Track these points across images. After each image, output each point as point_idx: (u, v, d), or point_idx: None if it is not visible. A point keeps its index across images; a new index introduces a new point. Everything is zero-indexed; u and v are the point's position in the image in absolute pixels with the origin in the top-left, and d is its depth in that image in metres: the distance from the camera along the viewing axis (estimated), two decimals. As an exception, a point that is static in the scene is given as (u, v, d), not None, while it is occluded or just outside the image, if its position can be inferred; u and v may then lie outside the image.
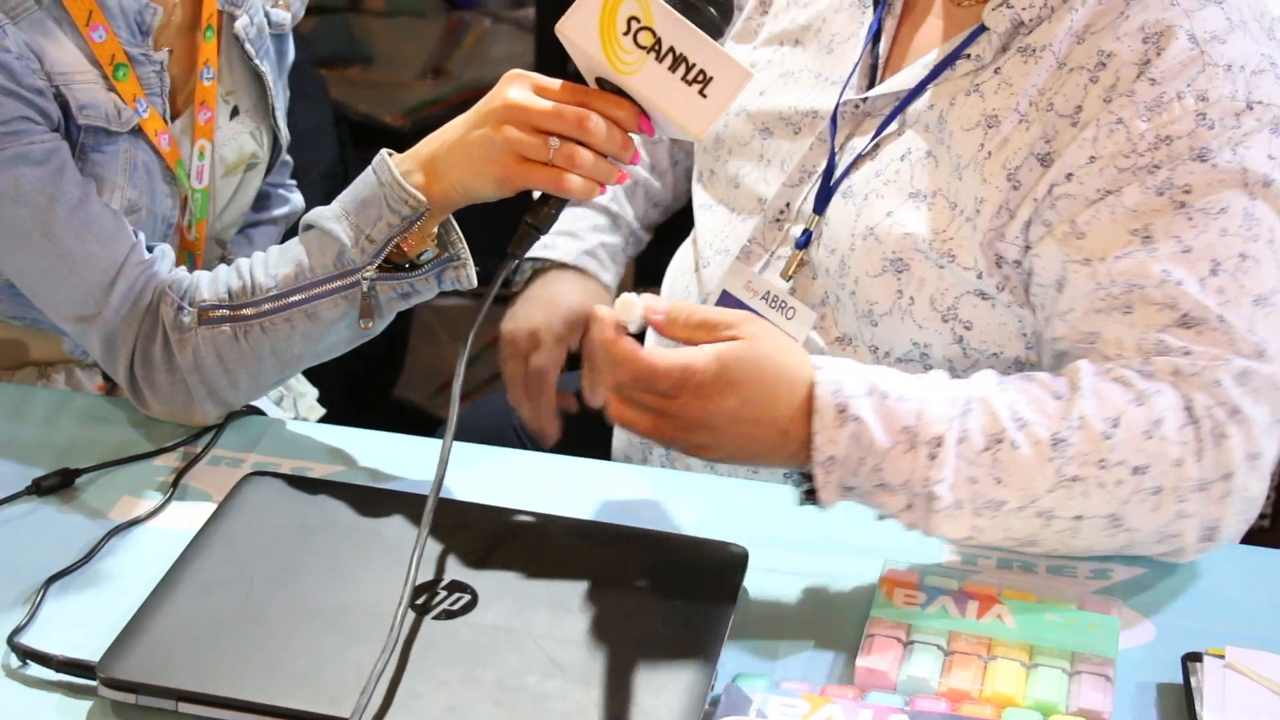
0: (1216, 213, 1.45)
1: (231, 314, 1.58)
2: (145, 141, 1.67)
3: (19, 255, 1.59)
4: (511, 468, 1.63)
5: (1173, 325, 1.44)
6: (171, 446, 1.61)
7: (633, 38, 1.42)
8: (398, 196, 1.52)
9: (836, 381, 1.41)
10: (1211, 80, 1.46)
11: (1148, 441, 1.41)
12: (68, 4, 1.59)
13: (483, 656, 1.30)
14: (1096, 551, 1.47)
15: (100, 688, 1.28)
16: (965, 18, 1.61)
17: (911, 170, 1.59)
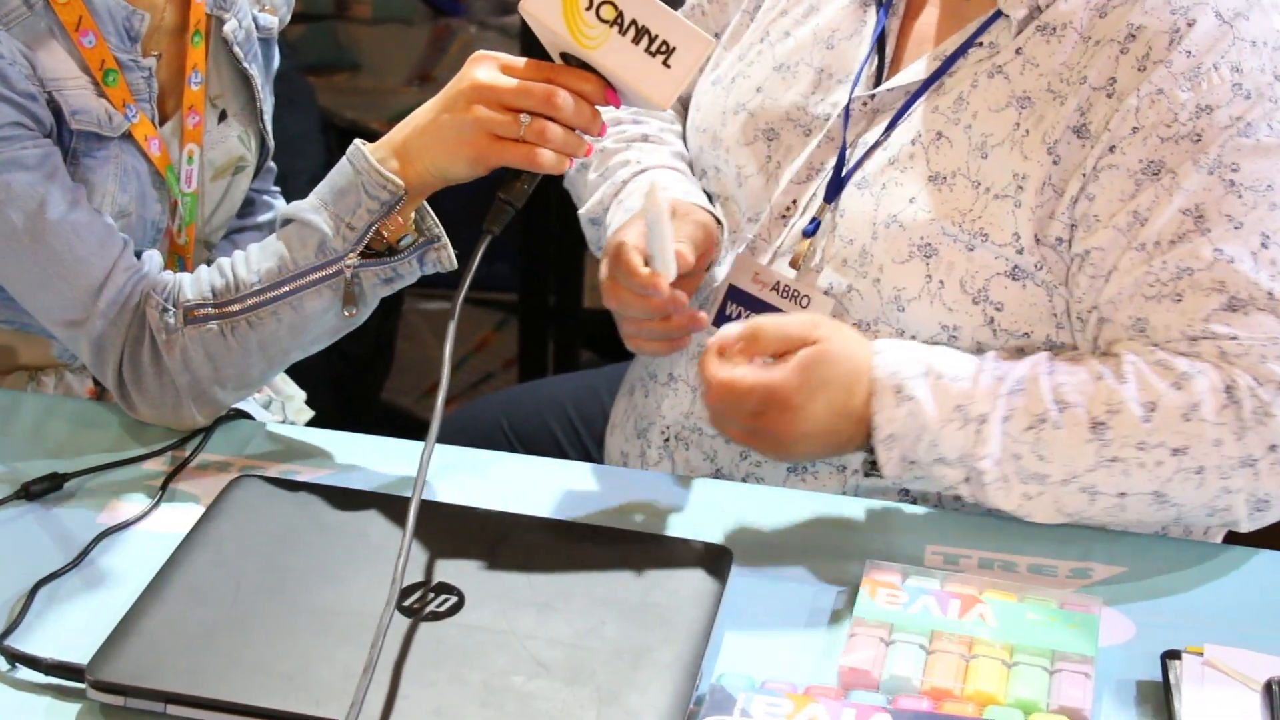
0: (1264, 189, 1.49)
1: (217, 311, 1.58)
2: (135, 147, 1.67)
3: (9, 259, 1.59)
4: (499, 470, 1.63)
5: (1220, 309, 1.48)
6: (160, 450, 1.61)
7: (595, 12, 1.43)
8: (375, 183, 1.53)
9: (895, 364, 1.51)
10: (1242, 54, 1.51)
11: (1186, 424, 1.46)
12: (58, 10, 1.59)
13: (469, 657, 1.30)
14: (1148, 523, 1.51)
15: (89, 690, 1.28)
16: (973, 8, 1.62)
17: (925, 154, 1.59)
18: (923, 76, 1.62)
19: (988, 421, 1.48)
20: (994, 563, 1.50)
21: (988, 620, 1.38)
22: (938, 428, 1.49)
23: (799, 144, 1.69)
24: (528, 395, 2.14)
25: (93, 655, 1.29)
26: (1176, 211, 1.49)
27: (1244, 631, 1.42)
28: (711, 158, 1.77)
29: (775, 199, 1.69)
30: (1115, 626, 1.43)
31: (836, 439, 1.53)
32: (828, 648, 1.38)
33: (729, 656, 1.37)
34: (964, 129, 1.58)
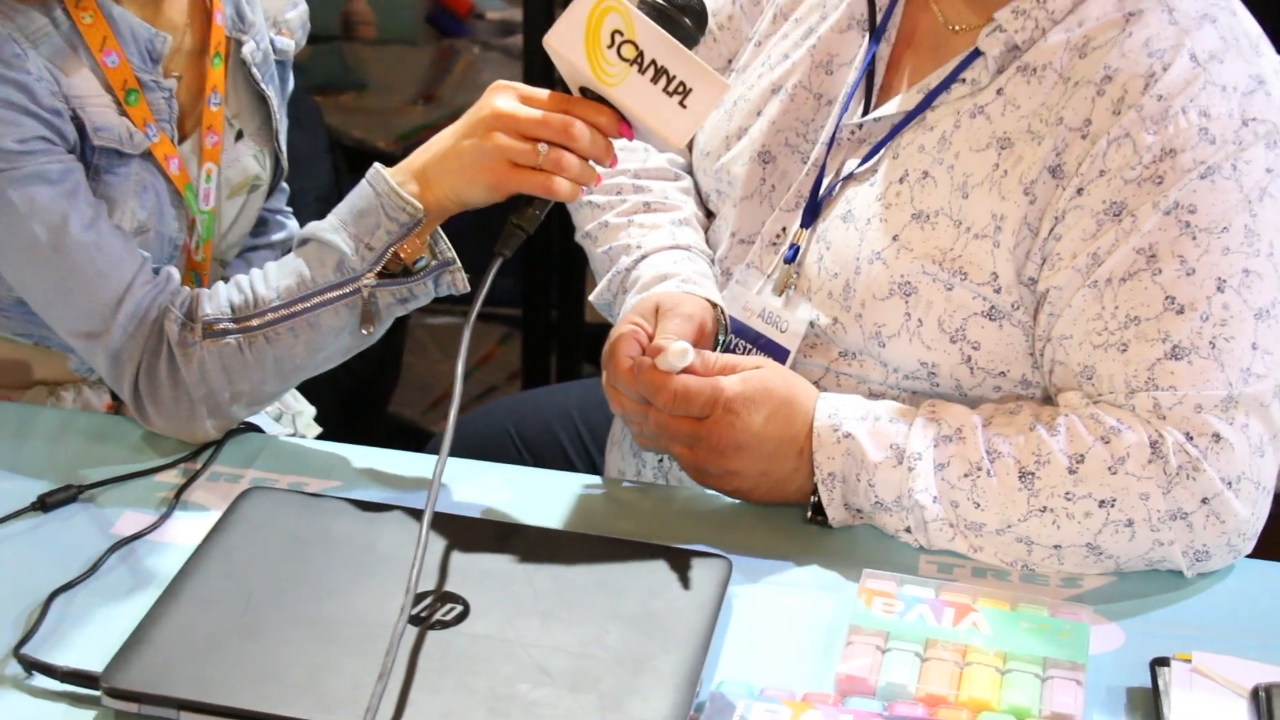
0: (1219, 231, 1.47)
1: (236, 326, 1.59)
2: (155, 165, 1.68)
3: (31, 271, 1.60)
4: (503, 481, 1.62)
5: (1163, 359, 1.48)
6: (173, 462, 1.61)
7: (616, 51, 1.45)
8: (395, 205, 1.55)
9: (834, 406, 1.52)
10: (1211, 98, 1.49)
11: (1112, 477, 1.46)
12: (84, 30, 1.60)
13: (475, 665, 1.30)
14: (1093, 573, 1.50)
15: (104, 698, 1.28)
16: (958, 43, 1.62)
17: (911, 192, 1.59)
18: (907, 109, 1.62)
19: (922, 459, 1.49)
20: (987, 572, 1.50)
21: (981, 628, 1.38)
22: (874, 466, 1.50)
23: (794, 169, 1.70)
24: (535, 403, 2.14)
25: (107, 663, 1.29)
26: (1131, 250, 1.48)
27: (1231, 639, 1.42)
28: (713, 180, 1.77)
29: (767, 225, 1.70)
30: (1105, 634, 1.43)
31: (776, 467, 1.53)
32: (825, 655, 1.38)
33: (729, 664, 1.37)
34: (947, 169, 1.57)
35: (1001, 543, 1.49)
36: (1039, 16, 1.55)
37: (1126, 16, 1.54)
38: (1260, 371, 1.48)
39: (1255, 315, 1.48)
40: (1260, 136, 1.49)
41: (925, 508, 1.49)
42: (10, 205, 1.55)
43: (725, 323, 1.67)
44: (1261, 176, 1.48)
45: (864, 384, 1.62)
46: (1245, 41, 1.54)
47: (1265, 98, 1.51)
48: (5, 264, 1.61)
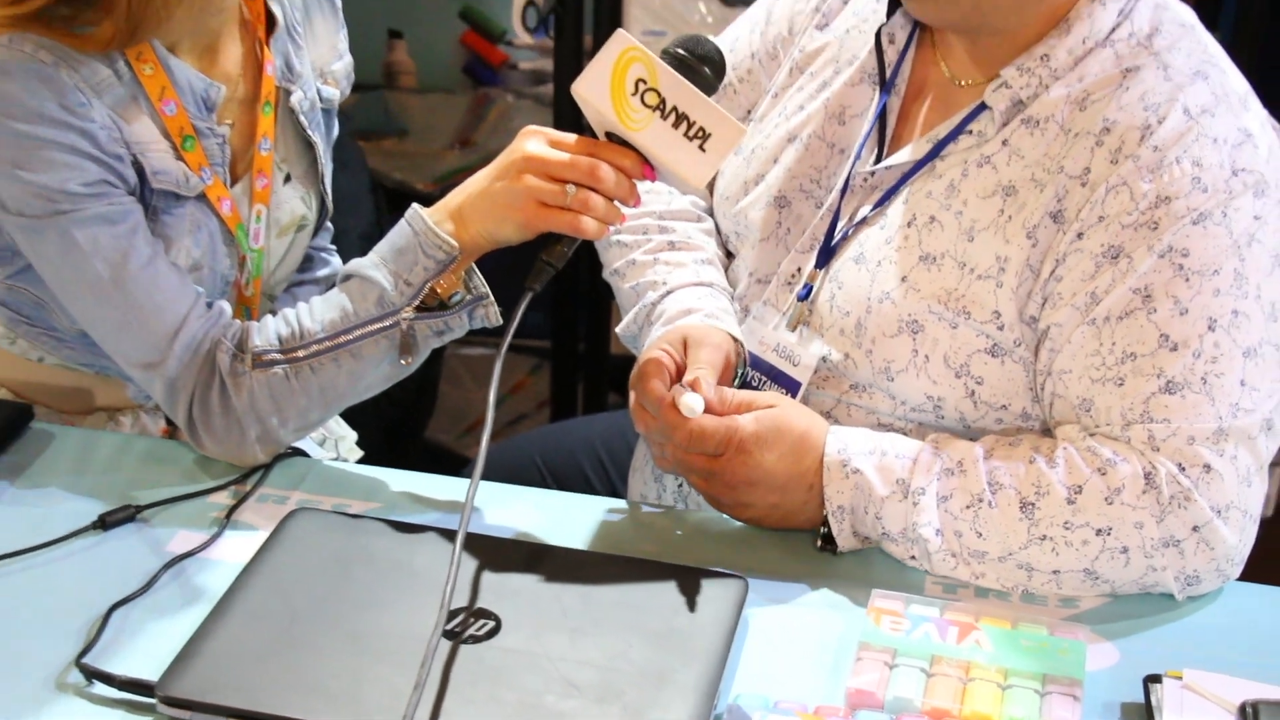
0: (1211, 274, 1.47)
1: (283, 357, 1.60)
2: (209, 206, 1.69)
3: (93, 305, 1.60)
4: (532, 505, 1.62)
5: (1157, 393, 1.47)
6: (224, 484, 1.62)
7: (640, 98, 1.45)
8: (432, 243, 1.55)
9: (844, 442, 1.52)
10: (1204, 149, 1.49)
11: (1108, 507, 1.46)
12: (144, 81, 1.60)
13: (506, 678, 1.30)
14: (1086, 597, 1.50)
15: (159, 705, 1.29)
16: (964, 97, 1.62)
17: (919, 235, 1.59)
18: (917, 158, 1.62)
19: (926, 494, 1.49)
20: (989, 592, 1.49)
21: (983, 646, 1.38)
22: (881, 500, 1.50)
23: (809, 213, 1.70)
24: (560, 434, 2.14)
25: (162, 673, 1.30)
26: (1127, 290, 1.48)
27: (1220, 657, 1.41)
28: (731, 222, 1.78)
29: (783, 265, 1.70)
30: (1101, 652, 1.42)
31: (788, 500, 1.53)
32: (836, 670, 1.38)
33: (745, 678, 1.37)
34: (955, 215, 1.57)
35: (1003, 569, 1.49)
36: (1042, 73, 1.55)
37: (1124, 73, 1.54)
38: (1248, 406, 1.48)
39: (1244, 353, 1.47)
40: (1249, 186, 1.49)
41: (929, 540, 1.49)
42: (75, 244, 1.56)
43: (744, 356, 1.67)
44: (1250, 223, 1.48)
45: (873, 415, 1.62)
46: (1234, 97, 1.54)
47: (1253, 150, 1.51)
48: (70, 299, 1.62)
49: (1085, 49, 1.55)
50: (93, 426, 1.78)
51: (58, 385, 1.80)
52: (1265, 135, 1.54)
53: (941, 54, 1.65)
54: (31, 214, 1.56)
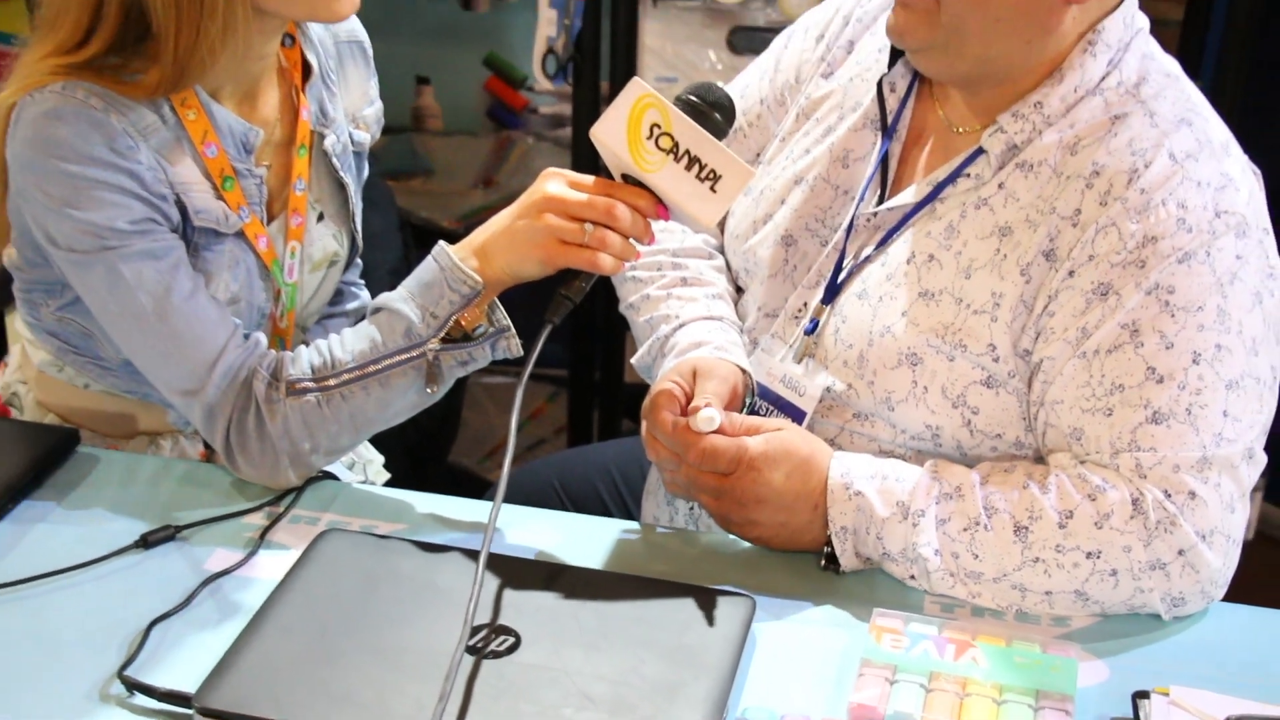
0: (1195, 310, 1.47)
1: (316, 385, 1.60)
2: (246, 243, 1.69)
3: (138, 335, 1.61)
4: (551, 527, 1.62)
5: (1144, 423, 1.47)
6: (259, 506, 1.62)
7: (654, 142, 1.46)
8: (457, 278, 1.56)
9: (847, 466, 1.52)
10: (1188, 192, 1.49)
11: (1098, 531, 1.46)
12: (188, 125, 1.61)
13: (525, 692, 1.30)
14: (1077, 616, 1.50)
15: (196, 716, 1.29)
16: (962, 142, 1.62)
17: (918, 272, 1.59)
18: (917, 200, 1.62)
19: (925, 515, 1.49)
20: (985, 611, 1.49)
21: (980, 663, 1.38)
22: (882, 521, 1.49)
23: (814, 251, 1.70)
24: (577, 459, 2.14)
25: (200, 684, 1.30)
26: (1116, 325, 1.48)
27: (1205, 674, 1.41)
28: (741, 259, 1.78)
29: (790, 300, 1.70)
30: (1091, 670, 1.42)
31: (794, 519, 1.52)
32: (839, 686, 1.38)
33: (753, 692, 1.37)
34: (954, 254, 1.57)
35: (998, 589, 1.49)
36: (1035, 120, 1.56)
37: (1112, 119, 1.54)
38: (1231, 436, 1.47)
39: (1226, 386, 1.47)
40: (1231, 227, 1.49)
41: (928, 559, 1.48)
42: (121, 278, 1.57)
43: (752, 386, 1.67)
44: (1232, 262, 1.48)
45: (874, 443, 1.62)
46: (1216, 143, 1.54)
47: (1234, 192, 1.51)
48: (115, 329, 1.62)
49: (1077, 97, 1.55)
50: (135, 450, 1.79)
51: (102, 411, 1.80)
52: (1245, 179, 1.54)
53: (940, 102, 1.66)
54: (81, 250, 1.57)
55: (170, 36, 1.54)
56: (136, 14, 1.55)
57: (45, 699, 1.33)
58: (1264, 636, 1.49)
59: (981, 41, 1.53)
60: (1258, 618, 1.51)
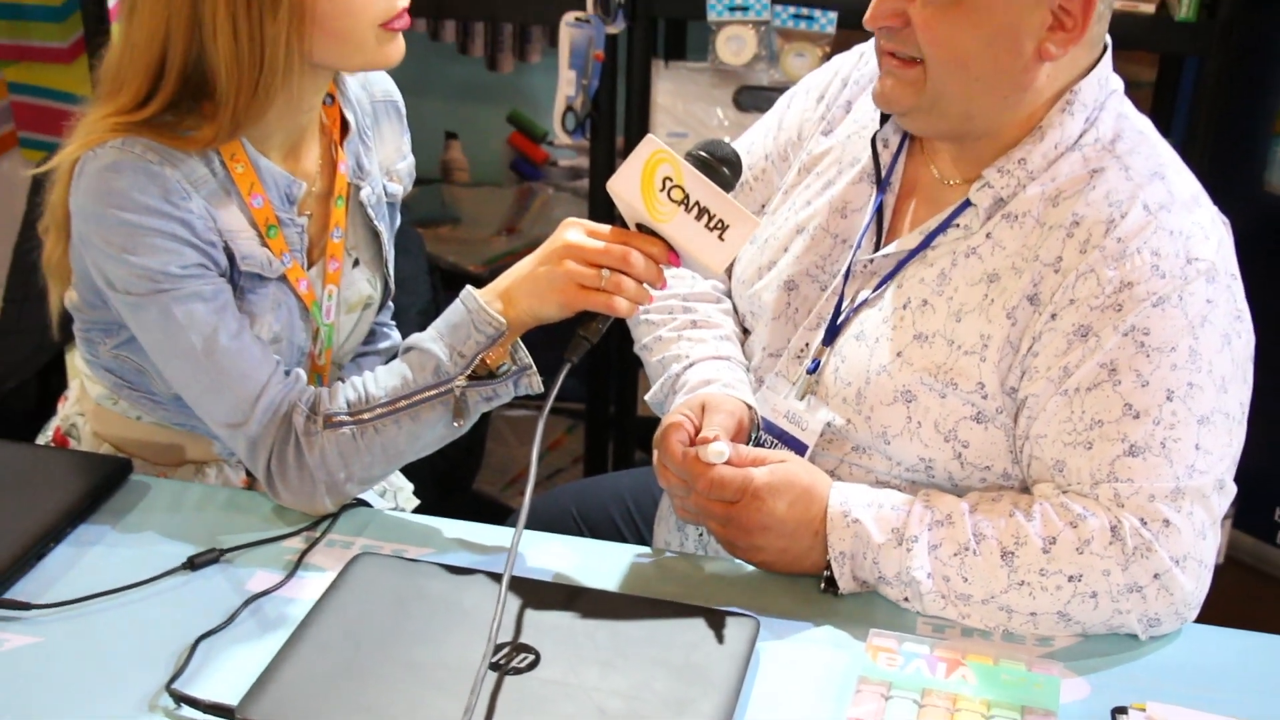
0: (1169, 350, 1.47)
1: (351, 419, 1.60)
2: (288, 286, 1.70)
3: (187, 372, 1.61)
4: (569, 551, 1.62)
5: (1122, 455, 1.47)
6: (297, 531, 1.62)
7: (667, 194, 1.47)
8: (483, 320, 1.56)
9: (845, 495, 1.52)
10: (1161, 241, 1.49)
11: (1079, 556, 1.45)
12: (236, 178, 1.62)
13: (544, 706, 1.30)
14: (1060, 636, 1.49)
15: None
16: (951, 195, 1.63)
17: (912, 316, 1.59)
18: (910, 248, 1.62)
19: (918, 541, 1.48)
20: (973, 632, 1.49)
21: (969, 680, 1.37)
22: (878, 546, 1.49)
23: (815, 295, 1.70)
24: (593, 487, 2.14)
25: (242, 697, 1.31)
26: (1095, 365, 1.48)
27: (1180, 691, 1.41)
28: (747, 302, 1.78)
29: (792, 341, 1.70)
30: (1073, 687, 1.42)
31: (796, 545, 1.52)
32: (838, 702, 1.38)
33: (756, 708, 1.37)
34: (945, 299, 1.58)
35: (986, 610, 1.48)
36: (1019, 174, 1.56)
37: (1091, 173, 1.55)
38: (1203, 468, 1.47)
39: (1198, 421, 1.47)
40: (1201, 273, 1.49)
41: (921, 582, 1.48)
42: (173, 318, 1.58)
43: (758, 421, 1.67)
44: (1203, 306, 1.49)
45: (871, 474, 1.62)
46: (1187, 195, 1.55)
47: (1204, 241, 1.51)
48: (166, 366, 1.63)
49: (1057, 153, 1.56)
50: (182, 478, 1.79)
51: (153, 441, 1.81)
52: (1215, 229, 1.54)
53: (930, 157, 1.66)
54: (136, 292, 1.58)
55: (231, 93, 1.55)
56: (196, 78, 1.56)
57: (99, 709, 1.34)
58: (1234, 655, 1.48)
59: (963, 100, 1.53)
60: (1228, 638, 1.51)
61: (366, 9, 1.56)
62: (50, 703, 1.34)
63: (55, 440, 1.86)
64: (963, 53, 1.50)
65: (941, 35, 1.49)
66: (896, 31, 1.52)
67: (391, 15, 1.58)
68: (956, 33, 1.49)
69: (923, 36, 1.50)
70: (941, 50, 1.50)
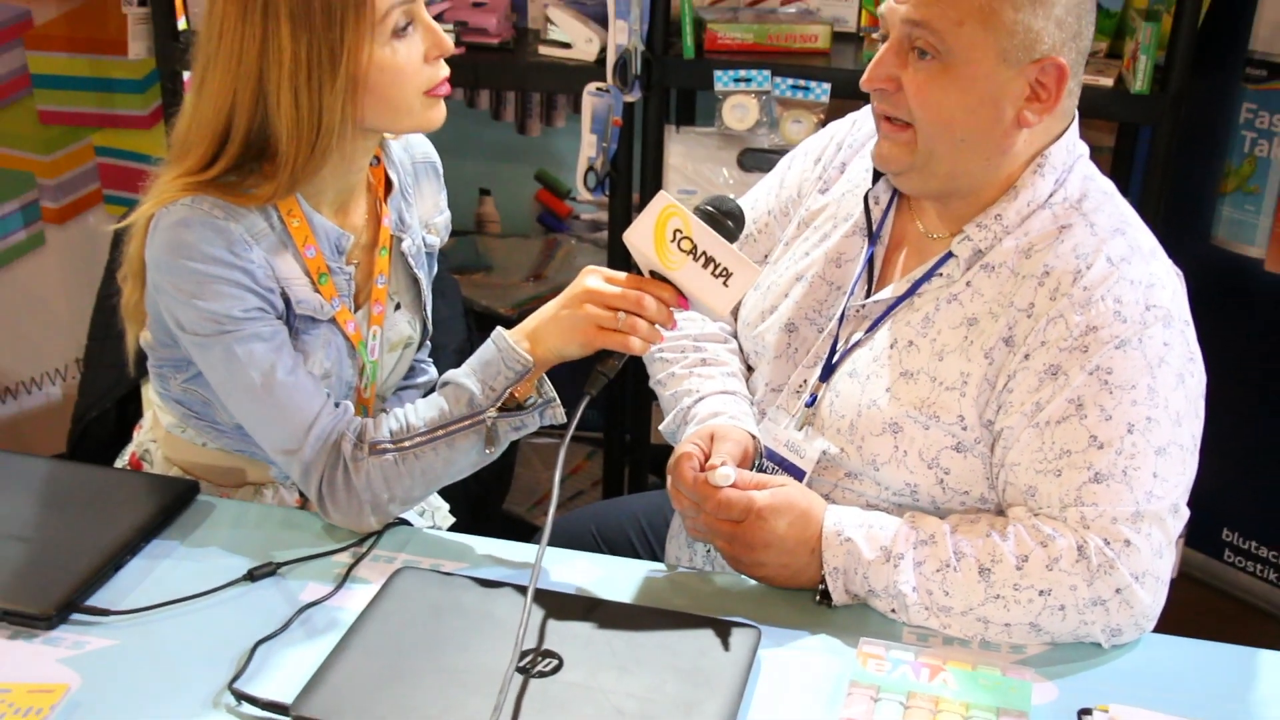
0: (1129, 388, 1.47)
1: (394, 446, 1.60)
2: (337, 327, 1.70)
3: (247, 404, 1.62)
4: (589, 566, 1.62)
5: (1088, 482, 1.47)
6: (345, 547, 1.62)
7: (677, 244, 1.47)
8: (512, 358, 1.56)
9: (839, 517, 1.51)
10: (1123, 289, 1.49)
11: (1049, 572, 1.45)
12: (292, 231, 1.63)
13: (566, 707, 1.30)
14: (1031, 645, 1.48)
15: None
16: (935, 247, 1.63)
17: (900, 356, 1.59)
18: (898, 295, 1.63)
19: (904, 559, 1.48)
20: (954, 640, 1.48)
21: (950, 684, 1.37)
22: (868, 563, 1.48)
23: (813, 337, 1.70)
24: (610, 509, 2.13)
25: (295, 696, 1.31)
26: (1064, 401, 1.48)
27: (1138, 694, 1.40)
28: (752, 342, 1.78)
29: (792, 378, 1.70)
30: (1043, 690, 1.41)
31: (794, 561, 1.51)
32: (831, 703, 1.37)
33: (758, 708, 1.37)
34: (929, 340, 1.58)
35: (965, 621, 1.48)
36: (996, 229, 1.56)
37: (1060, 229, 1.55)
38: (1160, 494, 1.47)
39: (1155, 451, 1.47)
40: (1159, 318, 1.49)
41: (906, 595, 1.48)
42: (235, 357, 1.58)
43: (760, 449, 1.67)
44: (1160, 348, 1.48)
45: (862, 498, 1.62)
46: (1146, 249, 1.55)
47: (1161, 290, 1.51)
48: (228, 399, 1.63)
49: (1030, 210, 1.56)
50: (242, 498, 1.79)
51: (216, 465, 1.81)
52: (1170, 279, 1.55)
53: (916, 213, 1.66)
54: (203, 333, 1.58)
55: (291, 155, 1.56)
56: (258, 142, 1.57)
57: (168, 706, 1.34)
58: (1188, 662, 1.47)
59: (950, 160, 1.54)
60: (1182, 646, 1.50)
61: (413, 78, 1.57)
62: (126, 699, 1.35)
63: (131, 464, 1.87)
64: (949, 116, 1.50)
65: (930, 99, 1.50)
66: (889, 95, 1.53)
67: (435, 84, 1.59)
68: (944, 98, 1.49)
69: (913, 100, 1.51)
70: (929, 113, 1.51)
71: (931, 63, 1.48)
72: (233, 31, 1.53)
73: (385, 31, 1.54)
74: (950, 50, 1.47)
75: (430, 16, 1.59)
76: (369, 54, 1.53)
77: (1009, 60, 1.47)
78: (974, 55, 1.47)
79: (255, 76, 1.53)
